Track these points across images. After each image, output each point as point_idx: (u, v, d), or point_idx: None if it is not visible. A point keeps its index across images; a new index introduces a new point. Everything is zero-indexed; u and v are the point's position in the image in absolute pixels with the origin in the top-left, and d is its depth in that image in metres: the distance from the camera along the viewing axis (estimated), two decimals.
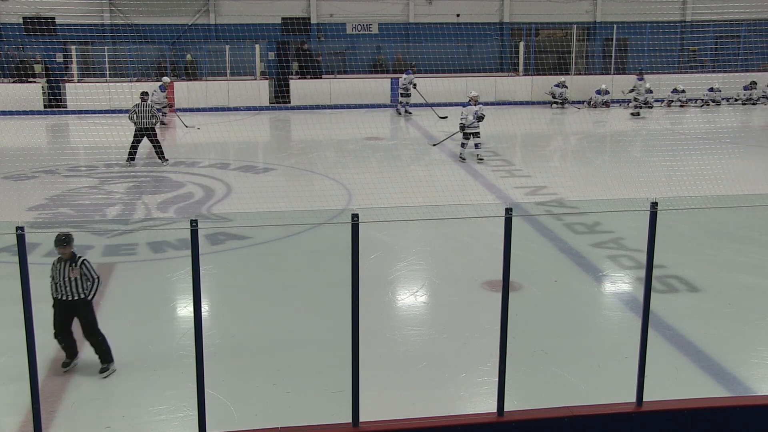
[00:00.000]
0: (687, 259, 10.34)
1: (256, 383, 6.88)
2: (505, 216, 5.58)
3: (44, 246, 10.62)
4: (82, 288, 6.97)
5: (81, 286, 6.96)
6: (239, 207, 12.39)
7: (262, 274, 10.07)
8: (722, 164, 15.71)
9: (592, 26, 30.21)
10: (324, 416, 6.20)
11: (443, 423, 5.91)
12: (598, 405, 6.15)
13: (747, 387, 6.91)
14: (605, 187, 14.04)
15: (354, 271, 5.38)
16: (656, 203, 5.72)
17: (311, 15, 28.62)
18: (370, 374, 6.13)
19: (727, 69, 27.70)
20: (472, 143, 16.97)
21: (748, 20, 27.51)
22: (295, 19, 27.80)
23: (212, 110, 24.75)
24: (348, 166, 16.46)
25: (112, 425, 6.22)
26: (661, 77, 27.31)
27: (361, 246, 5.34)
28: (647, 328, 5.88)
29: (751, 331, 8.18)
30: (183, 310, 8.26)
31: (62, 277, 6.94)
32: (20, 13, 26.43)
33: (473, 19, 28.88)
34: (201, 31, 27.99)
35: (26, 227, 5.11)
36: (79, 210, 13.00)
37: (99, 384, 6.91)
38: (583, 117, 24.38)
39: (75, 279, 6.91)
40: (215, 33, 27.96)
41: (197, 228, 5.28)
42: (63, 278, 6.93)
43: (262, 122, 23.72)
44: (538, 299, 8.98)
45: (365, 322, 5.60)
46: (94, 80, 25.31)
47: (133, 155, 16.67)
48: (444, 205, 11.50)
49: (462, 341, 7.81)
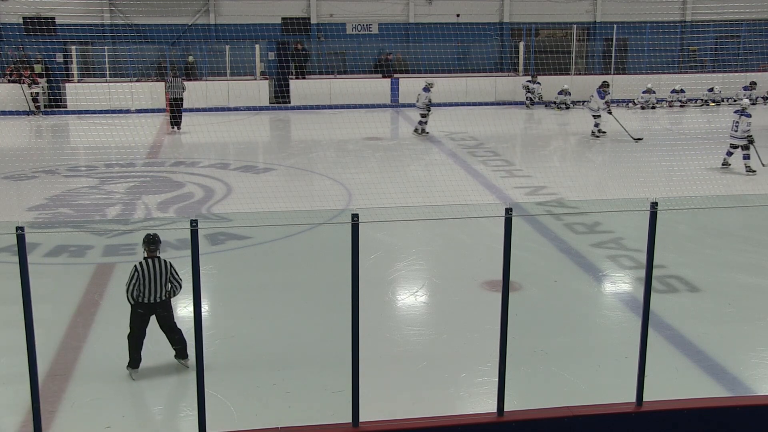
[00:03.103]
0: (687, 259, 10.34)
1: (256, 383, 6.88)
2: (505, 216, 5.58)
3: (44, 246, 10.64)
4: (167, 289, 6.88)
5: (167, 287, 6.87)
6: (239, 207, 12.38)
7: (262, 274, 10.07)
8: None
9: (592, 26, 30.20)
10: (324, 416, 6.21)
11: (443, 423, 5.92)
12: (598, 405, 6.15)
13: (747, 387, 6.91)
14: (605, 187, 14.05)
15: (354, 271, 5.38)
16: (656, 203, 5.72)
17: (311, 15, 28.61)
18: (370, 374, 6.13)
19: (727, 69, 27.68)
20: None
21: (748, 20, 27.50)
22: (295, 19, 27.79)
23: (212, 110, 24.75)
24: (348, 166, 16.46)
25: (112, 425, 6.22)
26: (661, 77, 27.30)
27: (361, 246, 5.34)
28: (647, 328, 5.89)
29: (751, 331, 8.18)
30: (183, 310, 8.26)
31: (152, 277, 6.75)
32: (20, 13, 26.42)
33: (473, 19, 28.86)
34: (201, 31, 27.98)
35: (26, 227, 5.11)
36: (79, 210, 12.99)
37: (99, 384, 6.91)
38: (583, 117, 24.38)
39: (163, 279, 6.78)
40: (215, 33, 27.95)
41: (197, 228, 5.28)
42: (152, 278, 6.75)
43: (262, 122, 23.72)
44: (538, 299, 8.98)
45: (365, 322, 5.60)
46: (94, 80, 25.31)
47: (174, 122, 21.36)
48: (444, 205, 11.49)
49: (462, 341, 7.81)
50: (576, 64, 27.92)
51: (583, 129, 20.79)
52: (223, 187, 14.51)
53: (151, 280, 6.77)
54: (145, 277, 6.76)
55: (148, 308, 6.86)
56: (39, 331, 5.40)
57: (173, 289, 6.96)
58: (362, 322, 5.49)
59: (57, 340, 7.70)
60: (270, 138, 21.92)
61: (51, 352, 7.33)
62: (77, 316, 8.38)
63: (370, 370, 6.03)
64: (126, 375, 6.96)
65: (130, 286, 6.80)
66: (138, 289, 6.79)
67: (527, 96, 26.28)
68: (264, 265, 10.43)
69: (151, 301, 6.83)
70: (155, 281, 6.79)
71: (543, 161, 17.89)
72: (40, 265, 9.95)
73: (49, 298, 8.72)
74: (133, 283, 6.78)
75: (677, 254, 10.34)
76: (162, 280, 6.82)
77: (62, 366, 7.21)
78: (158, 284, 6.80)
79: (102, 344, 7.71)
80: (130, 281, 6.79)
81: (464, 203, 11.93)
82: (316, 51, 28.10)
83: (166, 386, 7.04)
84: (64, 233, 11.67)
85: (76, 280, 9.65)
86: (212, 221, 12.05)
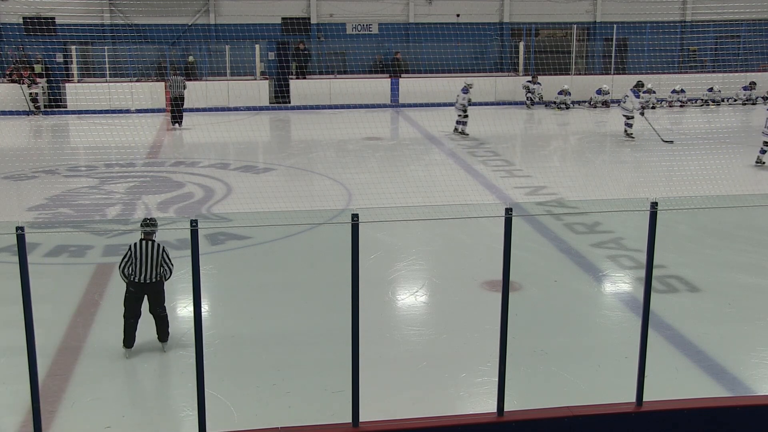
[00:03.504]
0: (687, 259, 10.33)
1: (256, 383, 6.88)
2: (505, 216, 5.58)
3: (44, 246, 10.64)
4: (158, 272, 7.24)
5: (158, 269, 7.23)
6: (239, 207, 12.38)
7: (262, 274, 10.07)
8: (722, 164, 15.72)
9: (592, 26, 30.21)
10: (324, 416, 6.21)
11: (443, 423, 5.91)
12: (598, 405, 6.14)
13: (747, 387, 6.91)
14: (605, 187, 14.05)
15: (354, 271, 5.38)
16: (656, 203, 5.72)
17: (311, 15, 28.62)
18: (370, 374, 6.13)
19: (727, 69, 27.69)
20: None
21: (748, 20, 27.50)
22: (295, 19, 27.79)
23: (212, 110, 24.75)
24: (348, 166, 16.45)
25: (112, 425, 6.22)
26: (661, 77, 27.31)
27: (361, 246, 5.34)
28: (647, 328, 5.88)
29: (751, 331, 8.17)
30: (183, 310, 8.26)
31: (144, 258, 7.13)
32: (20, 13, 26.42)
33: (473, 19, 28.87)
34: (201, 31, 27.99)
35: (26, 227, 5.11)
36: (79, 210, 12.99)
37: (99, 384, 6.91)
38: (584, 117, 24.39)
39: (154, 262, 7.17)
40: (215, 33, 27.96)
41: (197, 228, 5.28)
42: (144, 259, 7.13)
43: (262, 122, 23.72)
44: (538, 299, 8.97)
45: (365, 322, 5.60)
46: (94, 80, 25.31)
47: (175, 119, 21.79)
48: (444, 205, 11.49)
49: (462, 341, 7.81)
50: (576, 64, 27.93)
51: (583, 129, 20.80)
52: (223, 187, 14.51)
53: (143, 261, 7.16)
54: (138, 257, 7.15)
55: (140, 288, 7.23)
56: (39, 331, 5.39)
57: (164, 272, 7.31)
58: (362, 322, 5.49)
59: (57, 340, 7.70)
60: (270, 138, 21.92)
61: (51, 352, 7.33)
62: (77, 316, 8.38)
63: (370, 370, 6.02)
64: (126, 375, 6.97)
65: (123, 263, 7.23)
66: (129, 268, 7.20)
67: (527, 96, 26.28)
68: (264, 265, 10.43)
69: (141, 280, 7.20)
70: (147, 262, 7.17)
71: (543, 161, 17.89)
72: (40, 265, 9.94)
73: (49, 298, 8.72)
74: (125, 261, 7.21)
75: (677, 254, 10.33)
76: (153, 263, 7.19)
77: (62, 366, 7.21)
78: (149, 266, 7.18)
79: (102, 344, 7.71)
80: (123, 259, 7.23)
81: (464, 203, 11.93)
82: (316, 51, 28.11)
83: (166, 386, 7.05)
84: (64, 233, 11.67)
85: (76, 280, 9.65)
86: (212, 221, 12.05)
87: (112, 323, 7.73)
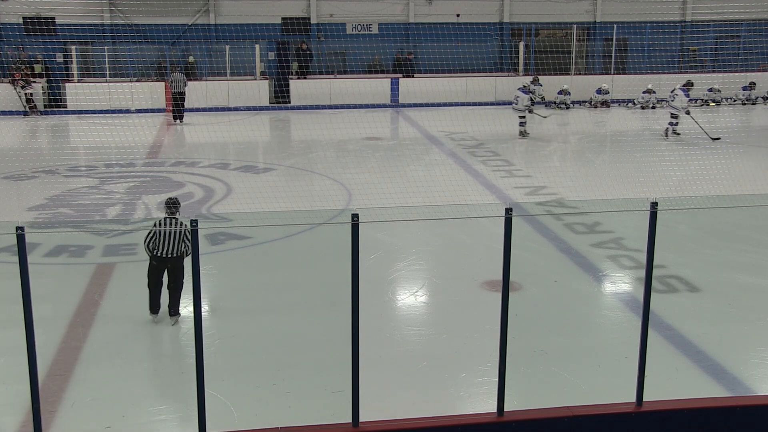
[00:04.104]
0: (687, 259, 10.33)
1: (256, 383, 6.88)
2: (505, 216, 5.58)
3: (44, 246, 10.64)
4: (179, 248, 7.85)
5: (179, 245, 7.84)
6: (239, 207, 12.38)
7: (262, 274, 10.07)
8: (722, 164, 15.72)
9: (592, 26, 30.21)
10: (324, 416, 6.20)
11: (443, 423, 5.91)
12: (598, 405, 6.14)
13: (747, 387, 6.91)
14: (605, 187, 14.05)
15: (354, 271, 5.38)
16: (656, 203, 5.72)
17: (311, 15, 28.62)
18: (370, 374, 6.13)
19: (727, 69, 27.68)
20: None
21: (748, 20, 27.50)
22: (295, 19, 27.79)
23: (212, 110, 24.75)
24: (348, 166, 16.45)
25: (112, 425, 6.22)
26: (661, 77, 27.30)
27: (361, 246, 5.34)
28: (647, 328, 5.88)
29: (751, 331, 8.18)
30: (183, 310, 8.25)
31: (166, 234, 7.75)
32: (20, 13, 26.42)
33: (473, 19, 28.87)
34: (201, 31, 27.98)
35: (26, 227, 5.11)
36: (79, 210, 12.99)
37: (99, 384, 6.92)
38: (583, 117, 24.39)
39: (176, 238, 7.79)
40: (215, 33, 27.96)
41: (197, 228, 5.29)
42: (167, 235, 7.75)
43: (262, 122, 23.72)
44: (538, 299, 8.97)
45: (365, 322, 5.60)
46: (94, 80, 25.31)
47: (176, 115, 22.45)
48: (444, 205, 11.49)
49: (462, 341, 7.81)
50: (576, 64, 27.92)
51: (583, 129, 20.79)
52: (223, 187, 14.51)
53: (166, 238, 7.79)
54: (160, 234, 7.79)
55: (162, 261, 7.87)
56: (39, 331, 5.39)
57: (186, 249, 7.86)
58: (362, 322, 5.49)
59: (57, 340, 7.71)
60: (270, 138, 21.92)
61: (51, 352, 7.33)
62: (77, 316, 8.38)
63: (370, 370, 6.02)
64: (126, 375, 6.97)
65: (147, 238, 7.87)
66: (153, 243, 7.83)
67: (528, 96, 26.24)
68: (264, 265, 10.43)
69: (164, 255, 7.82)
70: (169, 239, 7.80)
71: (543, 161, 17.88)
72: (40, 265, 9.95)
73: (49, 298, 8.73)
74: (150, 236, 7.86)
75: (677, 254, 10.33)
76: (175, 240, 7.82)
77: (62, 366, 7.21)
78: (171, 242, 7.80)
79: (102, 344, 7.71)
80: (148, 235, 7.89)
81: (464, 203, 11.93)
82: (316, 51, 28.10)
83: (166, 386, 7.05)
84: (64, 233, 11.67)
85: (76, 280, 9.65)
86: (212, 221, 12.05)
87: (112, 323, 7.73)
